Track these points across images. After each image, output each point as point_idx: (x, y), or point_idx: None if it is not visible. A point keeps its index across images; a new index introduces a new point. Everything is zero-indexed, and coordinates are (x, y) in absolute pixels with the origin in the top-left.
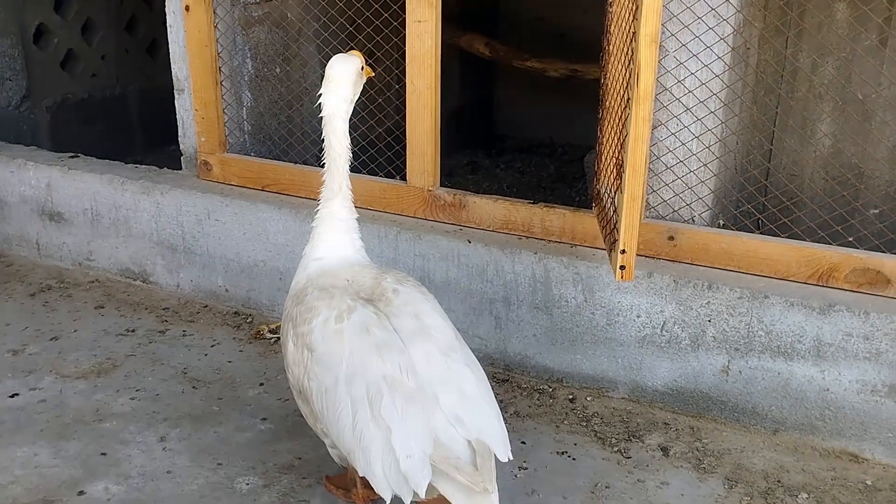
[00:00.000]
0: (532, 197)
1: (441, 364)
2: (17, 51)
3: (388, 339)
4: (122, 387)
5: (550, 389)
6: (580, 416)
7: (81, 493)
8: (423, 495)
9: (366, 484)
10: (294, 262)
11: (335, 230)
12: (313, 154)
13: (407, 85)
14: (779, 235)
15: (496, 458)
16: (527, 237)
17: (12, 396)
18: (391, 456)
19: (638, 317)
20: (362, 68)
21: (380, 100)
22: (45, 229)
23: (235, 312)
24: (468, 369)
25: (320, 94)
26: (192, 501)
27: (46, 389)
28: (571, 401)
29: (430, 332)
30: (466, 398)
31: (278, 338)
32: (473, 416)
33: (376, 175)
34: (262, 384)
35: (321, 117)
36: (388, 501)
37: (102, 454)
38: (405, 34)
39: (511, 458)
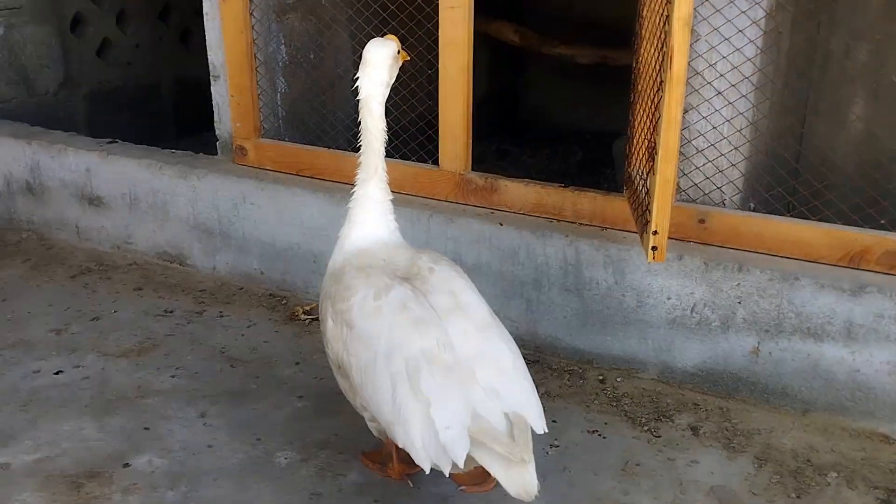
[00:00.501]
0: (560, 183)
1: (477, 339)
2: (54, 39)
3: (425, 316)
4: (163, 365)
5: (581, 370)
6: (610, 396)
7: (126, 465)
8: (461, 466)
9: (402, 458)
10: (328, 245)
11: (370, 211)
12: (346, 139)
13: (439, 70)
14: (810, 218)
15: (532, 431)
16: (558, 220)
17: (57, 373)
18: (430, 428)
19: (668, 299)
20: (398, 52)
21: (412, 85)
22: (85, 213)
23: (271, 295)
24: (504, 344)
25: (357, 78)
26: (233, 474)
27: (89, 367)
28: (601, 381)
29: (465, 308)
30: (503, 372)
31: (313, 319)
32: (510, 390)
33: (408, 160)
34: (297, 363)
35: (357, 102)
36: (427, 472)
37: (145, 429)
38: (437, 20)
39: (546, 430)
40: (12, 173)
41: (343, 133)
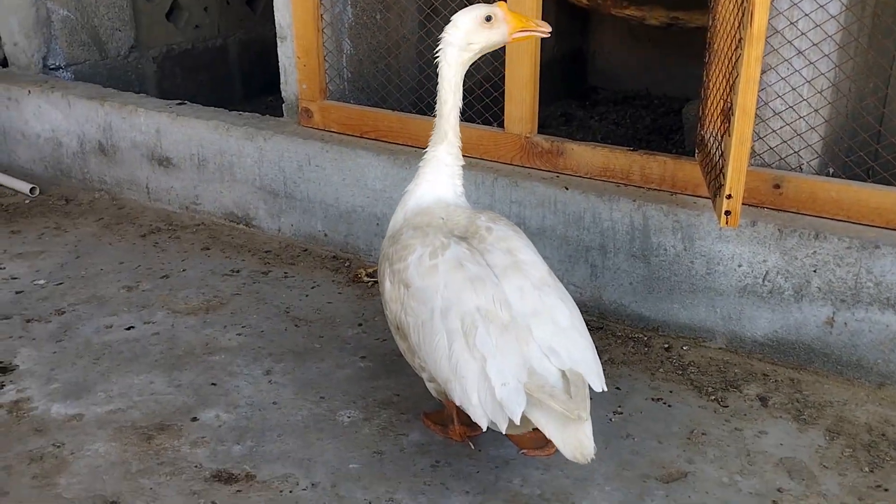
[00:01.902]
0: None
1: (534, 297)
2: (126, 2)
3: (481, 274)
4: (229, 323)
5: (646, 338)
6: (676, 364)
7: (194, 419)
8: (517, 422)
9: (463, 420)
10: (391, 207)
11: (438, 173)
12: (411, 101)
13: None
14: (893, 184)
15: (591, 389)
16: (625, 185)
17: (128, 329)
18: (486, 384)
19: (739, 266)
20: (488, 19)
21: None
22: (154, 174)
23: (334, 256)
24: (561, 303)
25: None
26: (298, 430)
27: (159, 323)
28: (667, 349)
29: (522, 266)
30: (560, 330)
31: (375, 281)
32: (567, 347)
33: (473, 122)
34: (360, 324)
35: (422, 64)
36: (483, 429)
37: (212, 384)
38: None
39: (605, 388)
40: (85, 134)
41: (408, 95)
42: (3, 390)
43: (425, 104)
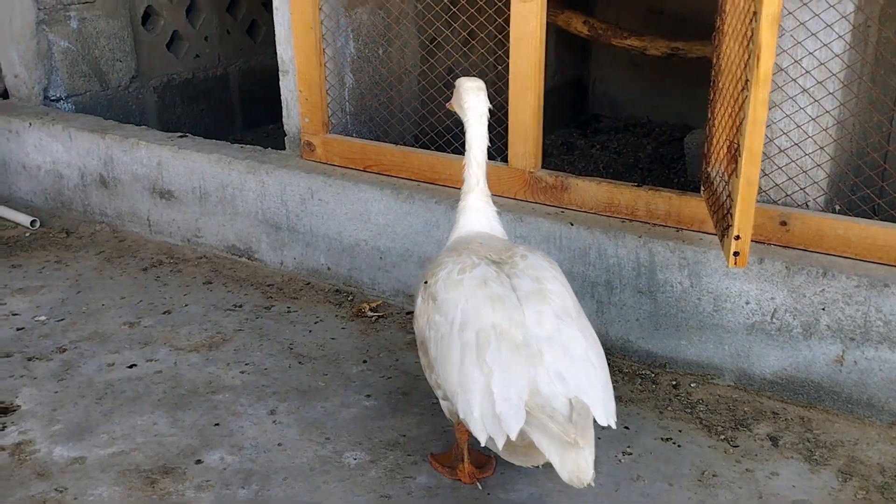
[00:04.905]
0: (630, 178)
1: (552, 324)
2: (126, 33)
3: (502, 294)
4: (232, 360)
5: (653, 375)
6: (684, 402)
7: (199, 461)
8: (513, 438)
9: (473, 459)
10: (394, 241)
11: (477, 214)
12: (413, 134)
13: (510, 67)
14: None
15: (596, 423)
16: (630, 220)
17: (130, 367)
18: (489, 399)
19: (747, 303)
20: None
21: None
22: (156, 206)
23: (337, 290)
24: (580, 334)
25: (462, 102)
26: (304, 473)
27: (162, 361)
28: (675, 387)
29: (547, 294)
30: (572, 359)
31: (380, 316)
32: (576, 376)
33: None
34: (364, 361)
35: (424, 98)
36: (482, 443)
37: (216, 425)
38: (508, 15)
39: (613, 425)
40: (86, 166)
41: (409, 128)
42: (4, 432)
43: (428, 138)
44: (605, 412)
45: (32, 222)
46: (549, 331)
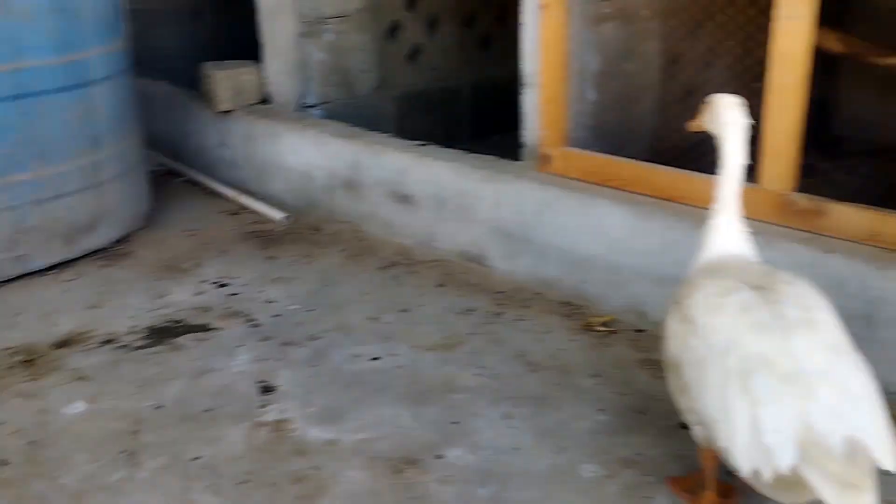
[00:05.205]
0: (887, 206)
1: (824, 357)
2: (373, 46)
3: (767, 322)
4: (467, 362)
5: None
6: None
7: (439, 456)
8: (783, 470)
9: (717, 488)
10: (629, 257)
11: (726, 237)
12: (648, 149)
13: (768, 83)
14: None
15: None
16: None
17: (374, 359)
18: (755, 428)
19: None
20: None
21: None
22: (395, 210)
23: (566, 302)
24: (857, 370)
25: (721, 118)
26: (540, 480)
27: (402, 356)
28: None
29: (817, 325)
30: (849, 395)
31: (610, 331)
32: (854, 415)
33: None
34: (596, 375)
35: (665, 114)
36: (744, 475)
37: (454, 423)
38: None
39: None
40: (334, 169)
41: (644, 146)
42: (266, 409)
43: (663, 157)
44: (890, 454)
45: (286, 218)
46: (822, 364)
